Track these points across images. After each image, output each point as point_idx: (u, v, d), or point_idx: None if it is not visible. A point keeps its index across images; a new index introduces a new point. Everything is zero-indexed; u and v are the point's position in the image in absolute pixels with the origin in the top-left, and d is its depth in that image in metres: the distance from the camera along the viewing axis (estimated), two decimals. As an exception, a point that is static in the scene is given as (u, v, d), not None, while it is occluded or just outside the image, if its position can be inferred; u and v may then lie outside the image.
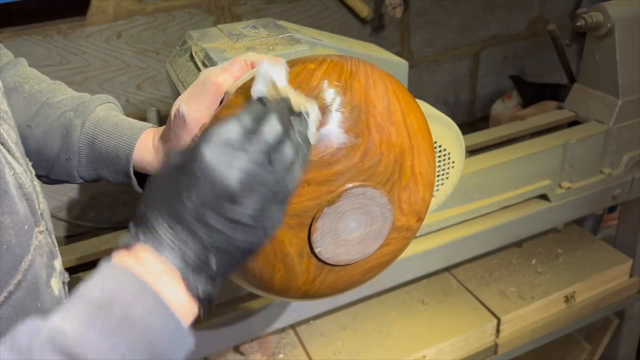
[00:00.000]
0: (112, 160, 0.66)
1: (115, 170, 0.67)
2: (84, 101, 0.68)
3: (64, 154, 0.66)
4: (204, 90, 0.59)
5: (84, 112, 0.66)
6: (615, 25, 1.21)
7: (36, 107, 0.67)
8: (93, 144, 0.66)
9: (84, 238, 1.07)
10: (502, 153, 1.18)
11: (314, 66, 0.55)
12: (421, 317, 1.26)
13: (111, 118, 0.67)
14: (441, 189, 1.01)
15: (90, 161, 0.67)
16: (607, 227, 1.74)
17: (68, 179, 0.68)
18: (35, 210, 0.49)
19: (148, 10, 1.46)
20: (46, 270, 0.48)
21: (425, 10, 1.84)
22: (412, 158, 0.57)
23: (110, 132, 0.65)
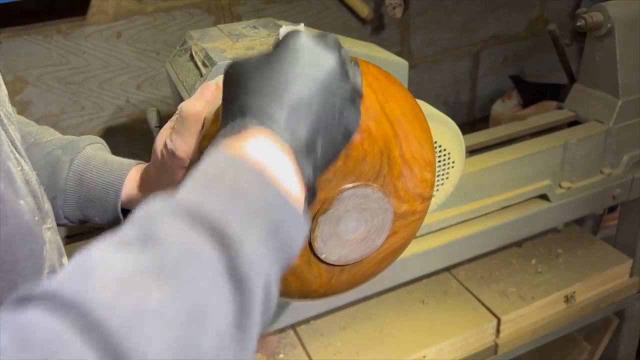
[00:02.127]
0: (99, 198, 0.66)
1: (103, 209, 0.66)
2: (73, 141, 0.68)
3: (49, 191, 0.65)
4: (185, 124, 0.59)
5: (73, 151, 0.66)
6: (615, 25, 1.21)
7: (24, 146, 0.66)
8: (81, 182, 0.65)
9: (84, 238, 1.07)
10: (502, 153, 1.18)
11: None
12: (421, 317, 1.26)
13: (100, 157, 0.67)
14: (441, 189, 1.02)
15: (77, 200, 0.66)
16: (607, 227, 1.74)
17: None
18: (42, 207, 0.49)
19: (148, 10, 1.46)
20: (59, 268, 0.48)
21: (425, 10, 1.84)
22: (399, 146, 0.56)
23: (100, 169, 0.65)
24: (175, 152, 0.59)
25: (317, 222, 0.54)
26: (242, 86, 0.45)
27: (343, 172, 0.54)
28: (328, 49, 0.46)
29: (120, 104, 1.53)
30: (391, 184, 0.57)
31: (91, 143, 0.69)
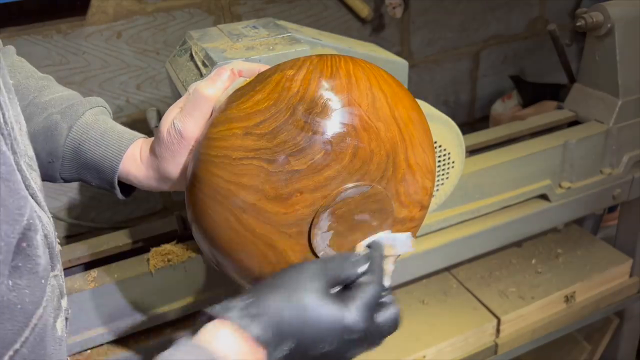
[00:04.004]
0: (96, 169, 0.65)
1: (99, 178, 0.66)
2: (73, 104, 0.66)
3: (46, 156, 0.64)
4: (195, 104, 0.59)
5: (72, 117, 0.65)
6: (615, 25, 1.21)
7: (22, 104, 0.65)
8: (79, 151, 0.64)
9: (84, 238, 1.07)
10: (502, 153, 1.18)
11: (293, 72, 0.54)
12: (421, 317, 1.26)
13: (100, 125, 0.65)
14: (441, 189, 1.02)
15: (74, 166, 0.65)
16: (607, 227, 1.74)
17: (49, 179, 0.67)
18: (54, 256, 0.49)
19: (148, 10, 1.46)
20: (54, 314, 0.47)
21: (425, 10, 1.84)
22: (405, 150, 0.56)
23: (98, 141, 0.64)
24: (182, 132, 0.59)
25: (319, 217, 0.54)
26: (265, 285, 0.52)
27: (349, 170, 0.54)
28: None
29: (120, 104, 1.53)
30: (394, 187, 0.57)
31: (92, 107, 0.67)
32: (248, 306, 0.50)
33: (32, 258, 0.41)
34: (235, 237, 0.54)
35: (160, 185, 0.65)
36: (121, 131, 0.66)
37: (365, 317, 0.52)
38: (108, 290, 0.93)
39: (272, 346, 0.49)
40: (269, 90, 0.53)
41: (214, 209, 0.54)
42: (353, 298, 0.52)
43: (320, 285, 0.52)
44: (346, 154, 0.53)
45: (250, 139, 0.52)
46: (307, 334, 0.50)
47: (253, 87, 0.54)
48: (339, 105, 0.53)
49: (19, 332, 0.41)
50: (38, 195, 0.48)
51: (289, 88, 0.53)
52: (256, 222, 0.53)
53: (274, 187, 0.52)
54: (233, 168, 0.52)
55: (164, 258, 0.95)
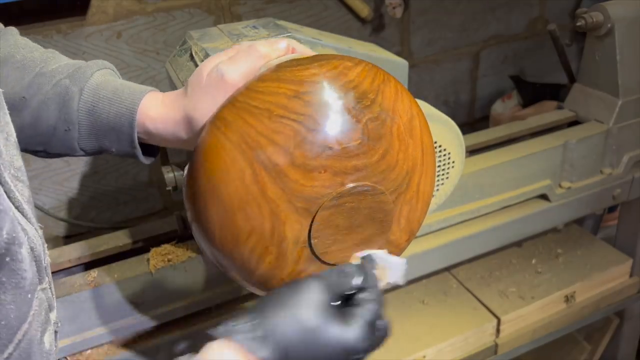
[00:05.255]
0: (114, 128, 0.63)
1: (118, 139, 0.64)
2: (80, 67, 0.65)
3: (62, 124, 0.63)
4: (248, 56, 0.59)
5: (81, 79, 0.63)
6: (615, 25, 1.21)
7: (30, 76, 0.64)
8: (93, 112, 0.63)
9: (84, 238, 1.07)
10: (502, 153, 1.18)
11: (351, 64, 0.56)
12: (421, 317, 1.26)
13: (110, 84, 0.64)
14: (441, 189, 1.02)
15: (91, 131, 0.64)
16: (607, 227, 1.74)
17: (68, 151, 0.65)
18: (42, 269, 0.48)
19: (148, 10, 1.46)
20: (42, 328, 0.47)
21: (425, 10, 1.84)
22: (420, 175, 0.59)
23: (111, 99, 0.63)
24: (224, 76, 0.58)
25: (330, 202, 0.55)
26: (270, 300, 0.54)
27: (373, 169, 0.55)
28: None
29: (120, 104, 1.52)
30: (400, 204, 0.59)
31: (99, 69, 0.66)
32: (254, 328, 0.51)
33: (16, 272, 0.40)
34: (243, 193, 0.53)
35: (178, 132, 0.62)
36: (132, 86, 0.65)
37: (369, 336, 0.53)
38: (108, 290, 0.93)
39: None
40: (326, 69, 0.55)
41: (232, 156, 0.53)
42: (355, 316, 0.53)
43: (323, 303, 0.52)
44: (377, 153, 0.55)
45: (297, 103, 0.53)
46: (313, 356, 0.51)
47: (311, 61, 0.56)
48: (385, 107, 0.55)
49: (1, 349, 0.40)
50: (24, 208, 0.46)
51: (346, 74, 0.55)
52: (271, 183, 0.53)
53: (303, 155, 0.52)
54: (271, 123, 0.52)
55: (164, 258, 0.95)
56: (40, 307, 0.46)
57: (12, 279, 0.40)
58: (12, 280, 0.40)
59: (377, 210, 0.57)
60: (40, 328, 0.46)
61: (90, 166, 1.57)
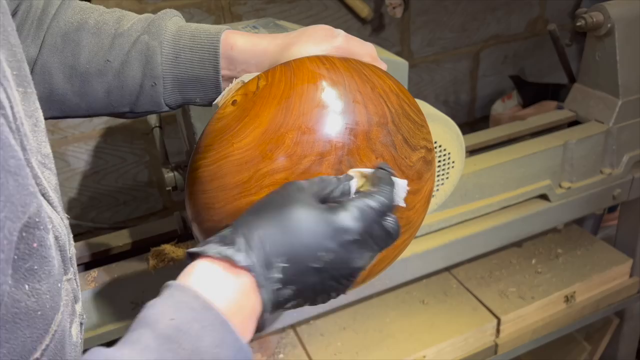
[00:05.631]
0: (199, 76, 0.64)
1: (203, 86, 0.64)
2: (153, 20, 0.65)
3: (148, 80, 0.64)
4: (362, 45, 0.62)
5: (158, 33, 0.64)
6: (615, 25, 1.21)
7: (108, 40, 0.64)
8: (177, 62, 0.64)
9: (84, 238, 1.07)
10: (502, 153, 1.18)
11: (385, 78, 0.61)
12: (421, 317, 1.26)
13: (184, 30, 0.65)
14: (441, 189, 1.02)
15: (177, 82, 0.64)
16: (607, 227, 1.74)
17: (154, 108, 0.66)
18: (67, 259, 0.47)
19: (148, 10, 1.46)
20: (70, 319, 0.46)
21: (425, 10, 1.84)
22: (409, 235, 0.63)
23: (191, 46, 0.63)
24: (337, 36, 0.61)
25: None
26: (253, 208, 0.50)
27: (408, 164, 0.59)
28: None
29: (120, 104, 1.52)
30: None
31: (170, 18, 0.66)
32: (225, 236, 0.47)
33: (48, 260, 0.39)
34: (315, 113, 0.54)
35: (262, 60, 0.63)
36: (207, 29, 0.65)
37: (358, 216, 0.48)
38: (108, 290, 0.93)
39: (259, 269, 0.45)
40: (422, 111, 0.62)
41: (322, 87, 0.55)
42: (344, 202, 0.49)
43: (306, 197, 0.49)
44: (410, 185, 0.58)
45: (395, 99, 0.58)
46: (297, 245, 0.46)
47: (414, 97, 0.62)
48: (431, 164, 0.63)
49: (39, 340, 0.39)
50: (51, 195, 0.46)
51: (428, 131, 0.63)
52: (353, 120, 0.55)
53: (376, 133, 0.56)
54: (371, 94, 0.56)
55: (164, 258, 0.95)
56: (67, 297, 0.45)
57: (44, 266, 0.39)
58: (45, 268, 0.39)
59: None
60: (69, 319, 0.45)
61: (90, 166, 1.57)
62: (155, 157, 1.61)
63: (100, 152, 1.57)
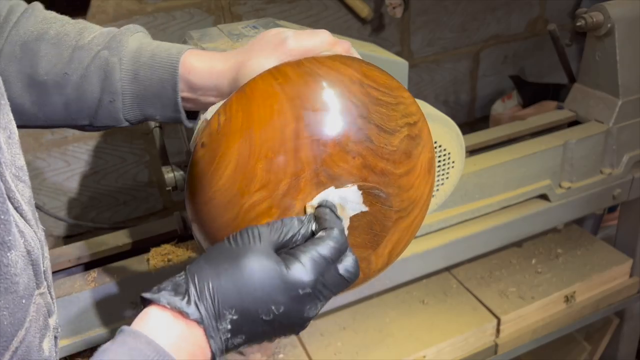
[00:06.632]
0: (157, 95, 0.63)
1: (162, 105, 0.64)
2: (115, 35, 0.65)
3: (106, 96, 0.63)
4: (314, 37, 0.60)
5: (118, 49, 0.63)
6: (615, 25, 1.21)
7: (68, 52, 0.64)
8: (136, 80, 0.63)
9: (84, 238, 1.07)
10: (502, 153, 1.18)
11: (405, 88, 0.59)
12: (421, 317, 1.26)
13: (146, 48, 0.64)
14: (441, 189, 1.02)
15: (135, 99, 0.64)
16: (607, 227, 1.74)
17: (113, 123, 0.66)
18: (39, 273, 0.46)
19: (148, 10, 1.46)
20: (40, 334, 0.45)
21: (425, 10, 1.84)
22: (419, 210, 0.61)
23: (151, 64, 0.63)
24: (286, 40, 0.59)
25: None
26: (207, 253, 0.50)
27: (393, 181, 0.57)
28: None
29: (120, 104, 1.52)
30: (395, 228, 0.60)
31: (133, 34, 0.66)
32: (178, 284, 0.48)
33: (5, 277, 0.39)
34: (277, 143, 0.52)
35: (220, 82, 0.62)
36: (168, 48, 0.65)
37: (310, 268, 0.48)
38: (108, 290, 0.93)
39: (208, 321, 0.46)
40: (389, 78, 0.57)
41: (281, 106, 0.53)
42: (296, 253, 0.49)
43: (262, 247, 0.49)
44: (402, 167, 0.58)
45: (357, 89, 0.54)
46: (248, 298, 0.47)
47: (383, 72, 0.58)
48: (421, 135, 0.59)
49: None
50: (24, 209, 0.46)
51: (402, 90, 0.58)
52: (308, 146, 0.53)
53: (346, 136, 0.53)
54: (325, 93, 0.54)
55: (164, 258, 0.95)
56: (37, 312, 0.45)
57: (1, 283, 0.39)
58: (2, 285, 0.39)
59: (378, 222, 0.58)
60: (39, 334, 0.45)
61: (90, 166, 1.57)
62: (155, 157, 1.61)
63: (100, 152, 1.57)
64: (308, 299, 0.49)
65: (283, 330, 0.50)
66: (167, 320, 0.46)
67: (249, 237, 0.50)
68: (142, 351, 0.44)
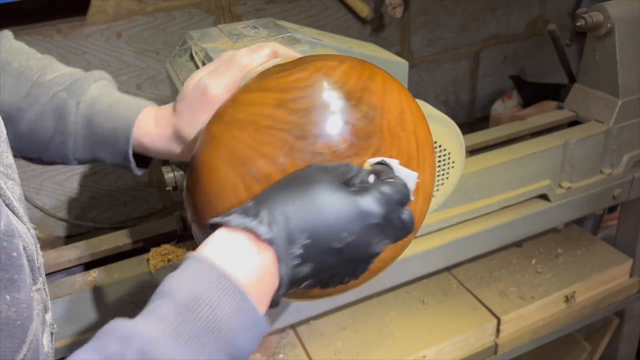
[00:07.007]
0: (109, 142, 0.64)
1: (113, 152, 0.64)
2: (77, 79, 0.65)
3: (58, 136, 0.63)
4: (229, 68, 0.59)
5: (78, 92, 0.64)
6: (615, 25, 1.21)
7: (27, 86, 0.64)
8: (89, 126, 0.63)
9: (84, 238, 1.07)
10: (502, 153, 1.18)
11: (335, 63, 0.55)
12: (421, 317, 1.26)
13: (106, 97, 0.64)
14: (441, 189, 1.02)
15: (87, 143, 0.64)
16: (607, 227, 1.74)
17: (62, 161, 0.66)
18: (35, 269, 0.47)
19: (148, 10, 1.46)
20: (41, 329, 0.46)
21: (425, 10, 1.84)
22: (417, 167, 0.57)
23: (107, 113, 0.63)
24: (206, 89, 0.58)
25: None
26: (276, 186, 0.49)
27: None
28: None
29: (120, 104, 1.52)
30: None
31: (96, 80, 0.66)
32: (248, 208, 0.47)
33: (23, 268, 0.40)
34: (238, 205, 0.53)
35: (172, 148, 0.63)
36: (128, 101, 0.65)
37: (381, 200, 0.48)
38: (108, 290, 0.93)
39: (281, 243, 0.45)
40: (309, 72, 0.54)
41: (224, 173, 0.53)
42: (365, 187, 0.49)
43: (330, 178, 0.48)
44: (368, 151, 0.53)
45: (282, 111, 0.52)
46: (321, 223, 0.46)
47: (294, 66, 0.55)
48: (373, 104, 0.54)
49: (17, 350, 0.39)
50: (15, 205, 0.46)
51: (330, 75, 0.54)
52: None
53: (293, 164, 0.51)
54: (258, 135, 0.52)
55: (164, 258, 0.95)
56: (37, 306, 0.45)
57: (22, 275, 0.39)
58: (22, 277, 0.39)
59: None
60: (41, 329, 0.45)
61: (91, 166, 1.57)
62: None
63: (100, 152, 1.57)
64: (377, 230, 0.48)
65: (348, 265, 0.49)
66: (236, 242, 0.45)
67: (317, 169, 0.49)
68: (206, 274, 0.43)
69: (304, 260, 0.46)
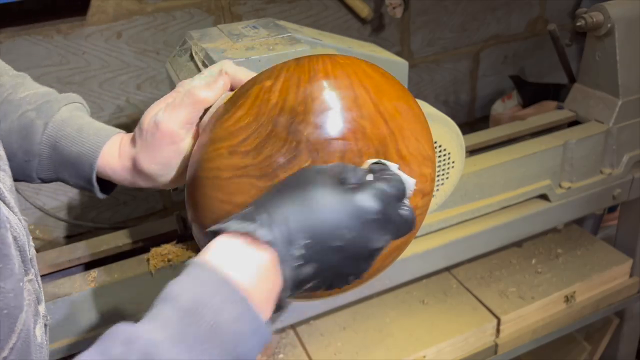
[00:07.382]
0: (74, 166, 0.64)
1: (77, 175, 0.64)
2: (48, 100, 0.65)
3: (22, 154, 0.63)
4: (184, 103, 0.58)
5: (47, 113, 0.64)
6: (615, 25, 1.21)
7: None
8: (55, 148, 0.63)
9: (84, 238, 1.07)
10: (502, 153, 1.18)
11: (270, 83, 0.53)
12: (421, 317, 1.26)
13: (76, 121, 0.64)
14: (441, 189, 1.02)
15: (51, 164, 0.64)
16: (607, 227, 1.74)
17: (25, 179, 0.66)
18: (27, 260, 0.47)
19: (148, 10, 1.46)
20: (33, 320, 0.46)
21: (425, 10, 1.84)
22: (395, 143, 0.55)
23: (74, 137, 0.63)
24: (159, 125, 0.58)
25: None
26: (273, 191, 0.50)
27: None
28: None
29: (120, 104, 1.53)
30: None
31: (67, 103, 0.66)
32: (246, 213, 0.47)
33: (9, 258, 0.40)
34: None
35: (134, 180, 0.64)
36: (98, 127, 0.65)
37: (377, 196, 0.48)
38: (108, 290, 0.93)
39: (281, 244, 0.45)
40: (248, 105, 0.53)
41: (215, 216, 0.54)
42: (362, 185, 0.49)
43: (326, 178, 0.49)
44: (334, 159, 0.51)
45: (236, 158, 0.52)
46: (320, 222, 0.46)
47: (234, 103, 0.54)
48: (320, 110, 0.51)
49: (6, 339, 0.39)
50: (6, 196, 0.46)
51: (268, 100, 0.52)
52: None
53: None
54: (225, 188, 0.52)
55: (164, 258, 0.95)
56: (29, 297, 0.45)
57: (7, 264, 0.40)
58: (8, 267, 0.40)
59: None
60: (33, 320, 0.45)
61: (90, 166, 1.56)
62: (155, 157, 1.61)
63: (100, 152, 1.57)
64: (376, 226, 0.48)
65: (351, 263, 0.49)
66: (237, 247, 0.46)
67: (312, 171, 0.50)
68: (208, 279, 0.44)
69: (307, 261, 0.47)
